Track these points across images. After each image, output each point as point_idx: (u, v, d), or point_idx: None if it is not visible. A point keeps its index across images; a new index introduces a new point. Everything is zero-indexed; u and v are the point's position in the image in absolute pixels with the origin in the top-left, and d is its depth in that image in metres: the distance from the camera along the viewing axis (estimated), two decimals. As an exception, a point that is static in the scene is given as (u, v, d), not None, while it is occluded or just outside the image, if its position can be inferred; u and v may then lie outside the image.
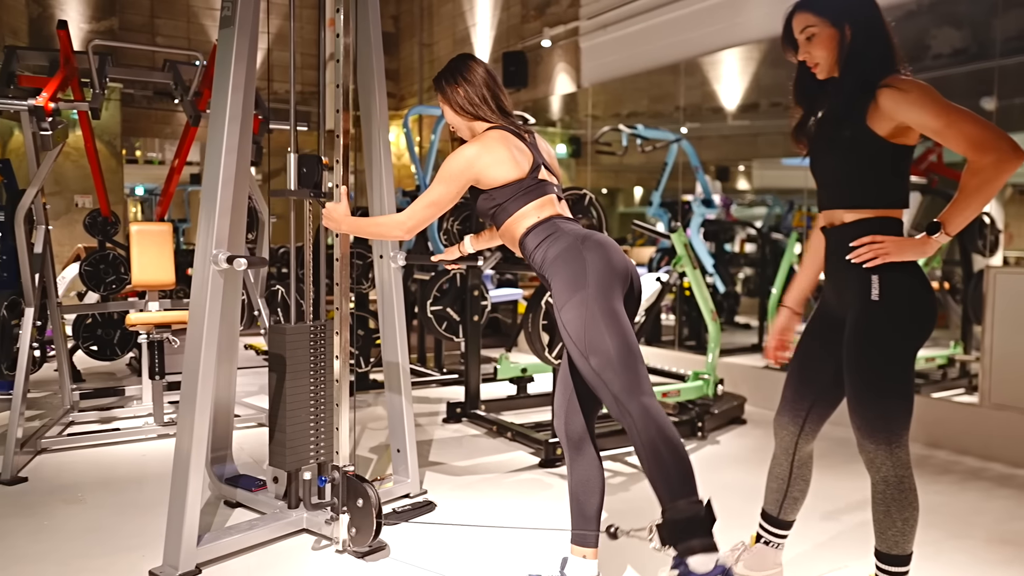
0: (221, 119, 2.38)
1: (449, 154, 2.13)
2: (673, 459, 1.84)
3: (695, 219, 6.88)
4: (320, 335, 2.64)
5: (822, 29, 1.93)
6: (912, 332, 1.90)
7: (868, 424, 1.92)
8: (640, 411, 1.86)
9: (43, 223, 3.82)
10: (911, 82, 1.82)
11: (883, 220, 1.91)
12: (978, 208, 1.79)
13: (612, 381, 1.88)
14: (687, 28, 6.23)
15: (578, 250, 1.99)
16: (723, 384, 4.24)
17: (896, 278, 1.88)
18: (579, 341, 1.92)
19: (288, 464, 2.59)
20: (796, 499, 2.21)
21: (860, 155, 1.91)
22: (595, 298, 1.92)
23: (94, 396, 4.50)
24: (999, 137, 1.72)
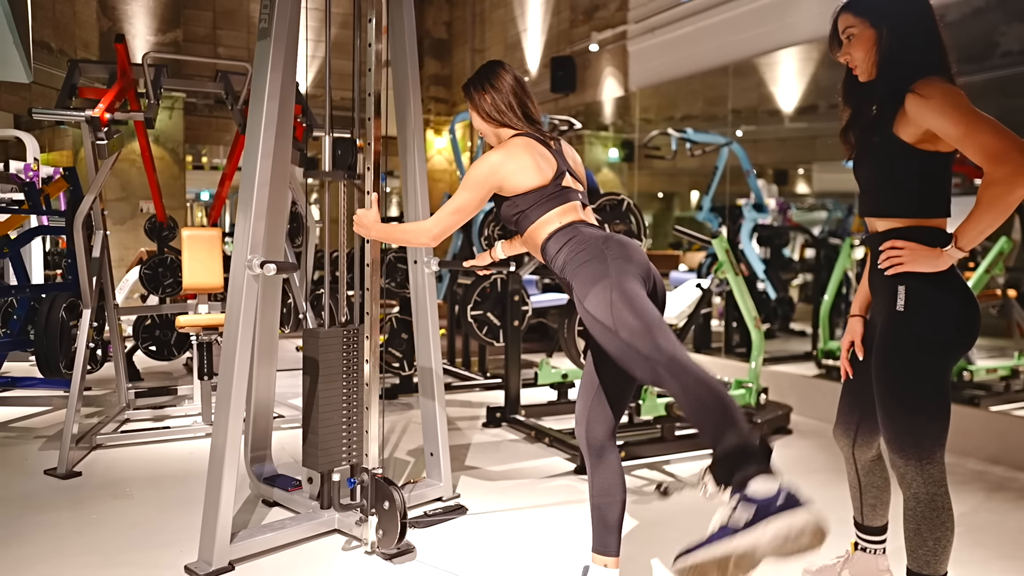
0: (257, 126, 2.44)
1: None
2: (712, 398, 1.71)
3: (746, 224, 6.75)
4: (353, 339, 2.68)
5: (862, 30, 1.90)
6: (940, 345, 1.84)
7: (897, 439, 1.87)
8: (669, 361, 1.76)
9: (101, 228, 3.98)
10: (936, 87, 1.76)
11: (917, 229, 1.85)
12: (992, 222, 1.72)
13: (641, 344, 1.80)
14: (735, 30, 6.13)
15: (600, 249, 1.98)
16: (767, 393, 4.15)
17: (922, 288, 1.83)
18: (606, 319, 1.86)
19: (320, 465, 2.64)
20: (873, 506, 2.18)
21: (890, 163, 1.87)
22: (620, 282, 1.89)
23: (148, 395, 4.67)
24: (1016, 149, 1.64)
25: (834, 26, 1.97)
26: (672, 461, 3.69)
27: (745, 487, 1.62)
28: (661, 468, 3.59)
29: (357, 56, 2.58)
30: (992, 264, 4.74)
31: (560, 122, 6.28)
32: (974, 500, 3.20)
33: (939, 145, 1.82)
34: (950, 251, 1.79)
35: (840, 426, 2.17)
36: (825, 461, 3.76)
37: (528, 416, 4.32)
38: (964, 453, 3.83)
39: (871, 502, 2.18)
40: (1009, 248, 4.90)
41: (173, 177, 9.36)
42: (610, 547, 2.12)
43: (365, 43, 2.51)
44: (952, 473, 3.56)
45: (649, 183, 11.07)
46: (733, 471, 1.65)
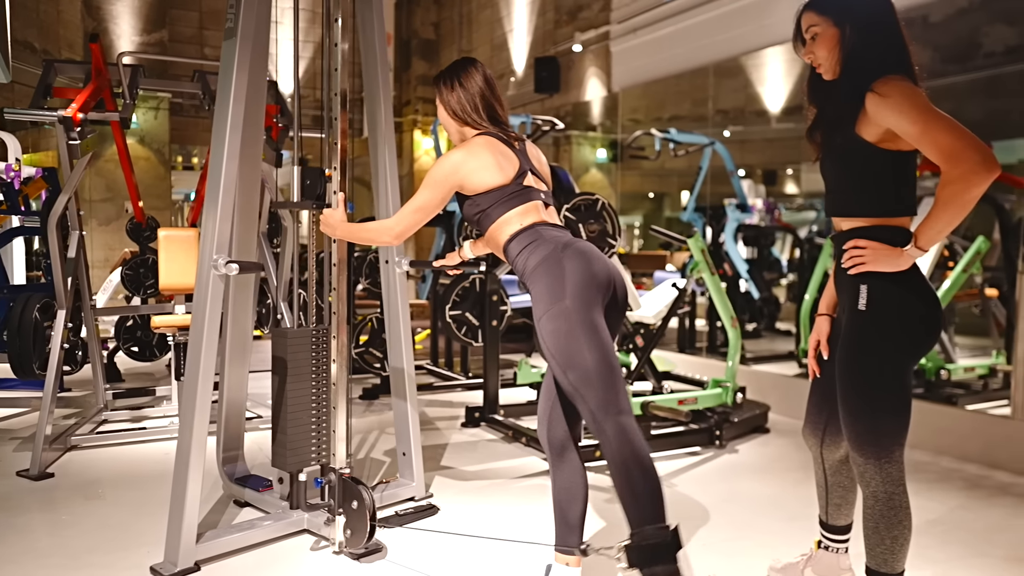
0: (223, 127, 2.44)
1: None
2: (644, 482, 1.84)
3: (730, 224, 6.77)
4: (322, 339, 2.68)
5: (825, 29, 1.90)
6: (901, 344, 1.84)
7: (858, 437, 1.89)
8: (616, 430, 1.86)
9: (77, 228, 3.97)
10: (895, 86, 1.76)
11: (880, 228, 1.86)
12: (950, 222, 1.71)
13: (589, 397, 1.88)
14: (715, 31, 6.15)
15: (558, 258, 1.98)
16: (744, 392, 4.16)
17: (884, 287, 1.83)
18: (557, 354, 1.92)
19: (289, 465, 2.64)
20: (838, 505, 2.19)
21: (852, 162, 1.87)
22: (573, 311, 1.91)
23: (126, 396, 4.65)
24: (970, 147, 1.64)
25: (797, 24, 1.97)
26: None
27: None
28: (637, 467, 3.60)
29: (327, 56, 2.58)
30: (970, 263, 4.76)
31: (543, 122, 6.29)
32: (948, 498, 3.22)
33: (900, 144, 1.81)
34: (910, 250, 1.80)
35: (808, 425, 2.18)
36: (801, 460, 3.77)
37: (507, 416, 4.32)
38: (939, 451, 3.85)
39: (836, 501, 2.19)
40: (987, 248, 4.93)
41: (159, 178, 9.33)
42: (572, 546, 2.12)
43: (332, 43, 2.50)
44: (927, 471, 3.59)
45: (639, 183, 11.09)
46: (644, 563, 1.81)
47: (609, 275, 2.01)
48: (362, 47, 2.88)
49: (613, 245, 3.50)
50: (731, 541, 2.74)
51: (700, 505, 3.11)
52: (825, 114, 1.96)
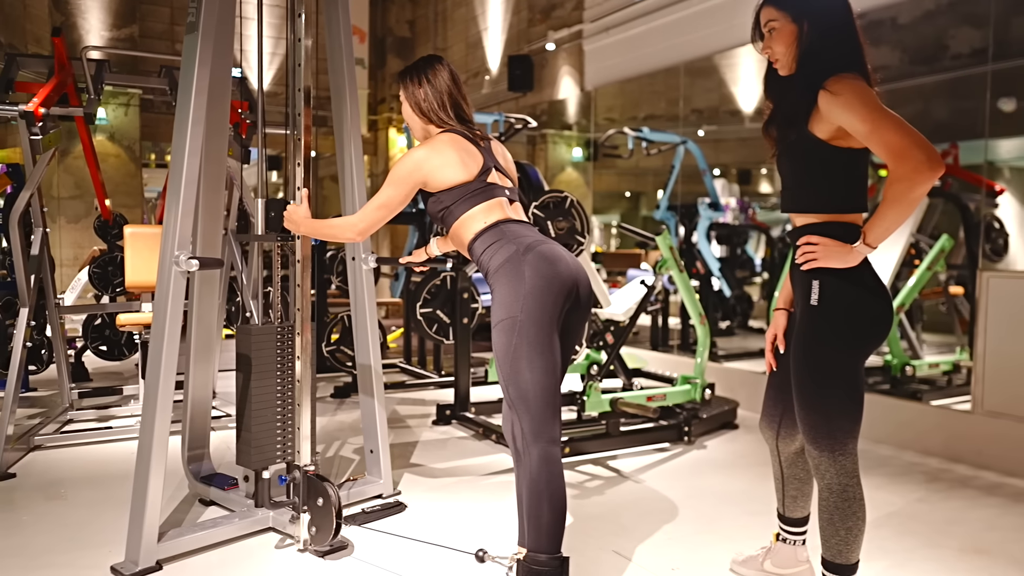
0: (184, 123, 2.42)
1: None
2: (551, 515, 1.93)
3: (702, 223, 6.82)
4: (288, 336, 2.67)
5: (783, 24, 1.92)
6: (852, 339, 1.87)
7: (812, 430, 1.92)
8: (540, 457, 1.94)
9: (40, 225, 3.91)
10: (846, 84, 1.78)
11: (832, 224, 1.88)
12: (897, 219, 1.74)
13: (523, 417, 1.95)
14: (686, 30, 6.20)
15: (518, 263, 1.98)
16: (713, 389, 4.20)
17: (836, 284, 1.86)
18: (502, 366, 1.97)
19: (254, 463, 2.62)
20: (795, 497, 2.23)
21: (806, 159, 1.90)
22: (526, 326, 1.93)
23: (93, 395, 4.59)
24: (916, 146, 1.67)
25: (756, 19, 1.99)
26: (617, 456, 3.72)
27: None
28: (606, 463, 3.62)
29: (291, 52, 2.56)
30: (934, 261, 4.84)
31: (516, 120, 6.29)
32: (908, 491, 3.27)
33: (852, 142, 1.84)
34: (859, 247, 1.82)
35: (765, 419, 2.21)
36: (768, 456, 3.80)
37: (478, 413, 4.33)
38: (903, 446, 3.92)
39: (793, 494, 2.23)
40: (951, 246, 5.02)
41: (129, 175, 9.22)
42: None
43: (296, 38, 2.49)
44: (889, 465, 3.64)
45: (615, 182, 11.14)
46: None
47: (572, 277, 2.01)
48: (328, 43, 2.87)
49: (582, 242, 3.52)
50: (695, 535, 2.76)
51: (666, 500, 3.14)
52: (781, 110, 1.98)
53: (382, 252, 11.70)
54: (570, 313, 2.04)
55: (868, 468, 3.55)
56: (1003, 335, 3.60)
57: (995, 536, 2.78)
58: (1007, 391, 3.57)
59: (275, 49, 10.12)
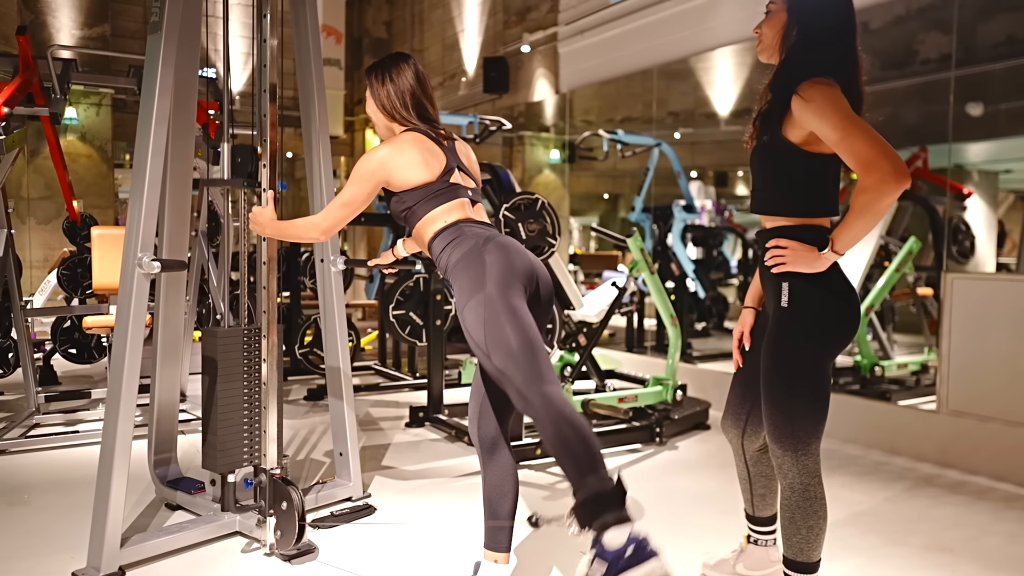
0: (147, 123, 2.39)
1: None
2: (578, 441, 1.78)
3: (676, 224, 6.86)
4: (254, 338, 2.65)
5: (778, 10, 1.92)
6: (820, 341, 1.89)
7: (776, 430, 1.94)
8: (542, 399, 1.83)
9: (4, 226, 3.85)
10: (818, 90, 1.77)
11: (801, 228, 1.89)
12: (864, 228, 1.75)
13: (514, 375, 1.86)
14: (661, 33, 6.24)
15: (479, 252, 1.98)
16: (685, 390, 4.22)
17: (804, 287, 1.88)
18: (480, 340, 1.91)
19: (220, 467, 2.60)
20: (763, 496, 2.23)
21: (777, 162, 1.90)
22: (495, 296, 1.90)
23: (60, 399, 4.52)
24: (884, 157, 1.67)
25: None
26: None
27: (603, 533, 1.67)
28: (577, 464, 3.63)
29: (256, 52, 2.55)
30: (902, 263, 4.91)
31: (491, 122, 6.29)
32: (874, 490, 3.31)
33: (823, 147, 1.84)
34: (826, 254, 1.83)
35: (729, 417, 2.21)
36: (737, 455, 3.84)
37: (451, 415, 4.32)
38: (870, 445, 3.96)
39: (760, 492, 2.24)
40: (919, 248, 5.09)
41: (101, 176, 9.09)
42: (501, 543, 2.12)
43: (261, 39, 2.48)
44: (856, 464, 3.69)
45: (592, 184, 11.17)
46: (594, 517, 1.70)
47: (531, 267, 2.01)
48: (296, 43, 2.85)
49: (553, 244, 3.53)
50: (666, 535, 2.77)
51: (636, 501, 3.15)
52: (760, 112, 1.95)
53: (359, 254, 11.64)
54: (531, 305, 2.02)
55: (835, 467, 3.60)
56: (967, 336, 3.66)
57: (958, 534, 2.82)
58: (970, 391, 3.62)
59: (249, 49, 10.04)
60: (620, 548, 1.65)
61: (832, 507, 2.99)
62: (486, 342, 1.89)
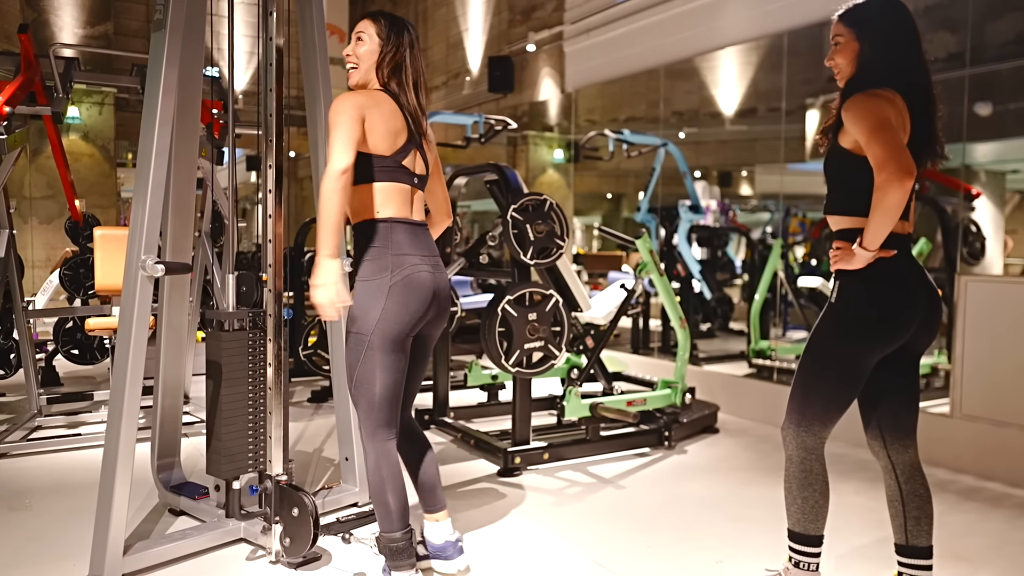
0: (151, 123, 2.35)
1: None
2: (394, 498, 2.15)
3: (682, 225, 6.81)
4: (259, 341, 2.60)
5: (848, 41, 2.05)
6: (851, 340, 1.98)
7: (790, 403, 2.08)
8: (382, 451, 2.14)
9: (6, 227, 3.81)
10: (858, 100, 1.92)
11: (853, 229, 2.00)
12: (880, 223, 1.87)
13: (367, 417, 2.13)
14: (667, 32, 6.18)
15: (384, 289, 2.07)
16: (693, 393, 4.17)
17: (850, 284, 2.00)
18: (350, 369, 2.13)
19: (224, 472, 2.56)
20: (917, 519, 2.09)
21: (835, 167, 2.06)
22: (375, 346, 2.08)
23: (62, 401, 4.48)
24: (892, 159, 1.81)
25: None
26: (598, 462, 3.68)
27: (392, 572, 2.21)
28: (586, 469, 3.58)
29: (262, 52, 2.50)
30: (912, 264, 4.85)
31: (496, 122, 6.25)
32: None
33: None
34: (858, 250, 1.94)
35: (868, 434, 2.16)
36: (747, 460, 3.80)
37: (457, 418, 4.28)
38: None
39: (914, 514, 2.09)
40: (929, 249, 5.04)
41: (103, 175, 9.05)
42: (434, 504, 2.37)
43: (267, 37, 2.43)
44: (868, 469, 3.63)
45: (596, 184, 11.13)
46: (389, 556, 2.20)
47: (431, 301, 2.14)
48: (301, 42, 2.81)
49: (561, 246, 3.48)
50: (675, 544, 2.73)
51: (646, 507, 3.10)
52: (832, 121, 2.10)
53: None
54: (427, 325, 2.21)
55: (848, 472, 3.55)
56: (980, 339, 3.61)
57: (974, 542, 2.77)
58: (984, 395, 3.57)
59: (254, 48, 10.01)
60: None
61: (846, 515, 2.96)
62: (356, 376, 2.12)
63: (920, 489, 2.10)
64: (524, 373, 3.43)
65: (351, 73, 2.18)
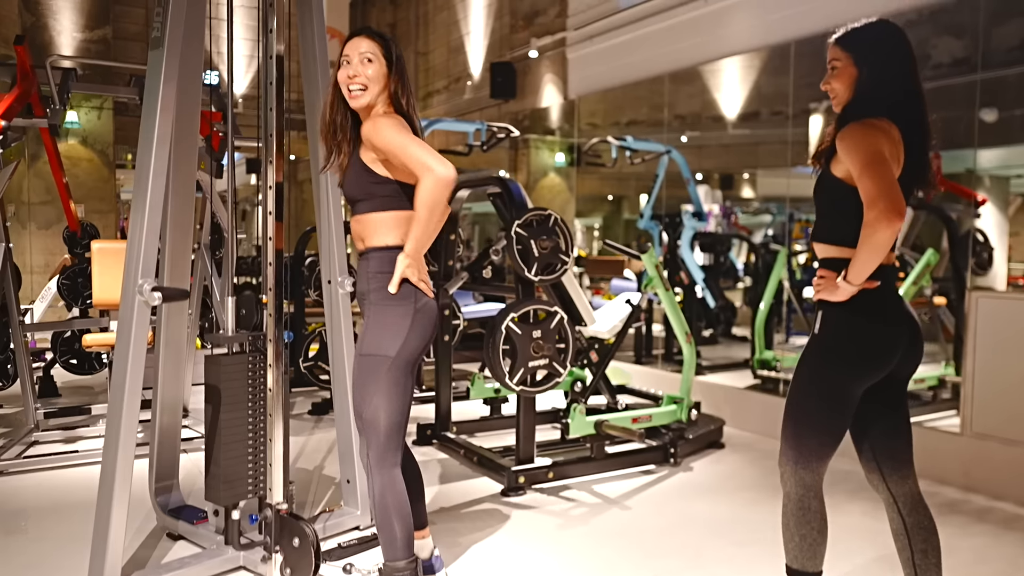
0: (149, 143, 2.29)
1: None
2: (400, 526, 2.10)
3: (686, 233, 6.76)
4: (259, 365, 2.54)
5: (845, 66, 1.99)
6: (837, 371, 1.94)
7: (784, 440, 2.03)
8: (388, 480, 2.11)
9: (3, 240, 3.76)
10: (853, 130, 1.87)
11: (842, 259, 1.94)
12: (867, 259, 1.81)
13: (373, 444, 2.11)
14: (671, 40, 6.12)
15: (409, 315, 2.06)
16: (699, 409, 4.12)
17: (833, 314, 1.95)
18: (357, 392, 2.12)
19: (223, 499, 2.50)
20: (924, 552, 2.01)
21: (827, 195, 2.00)
22: (399, 368, 2.07)
23: (59, 415, 4.42)
24: (883, 197, 1.76)
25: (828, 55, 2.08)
26: (603, 480, 3.63)
27: None
28: (591, 488, 3.53)
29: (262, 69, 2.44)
30: (920, 276, 4.81)
31: (499, 129, 6.20)
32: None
33: None
34: (842, 283, 1.89)
35: (864, 466, 2.10)
36: (753, 478, 3.74)
37: (459, 433, 4.22)
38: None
39: (920, 547, 2.01)
40: (936, 260, 4.99)
41: (102, 180, 9.00)
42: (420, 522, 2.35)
43: (268, 55, 2.37)
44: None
45: (597, 187, 11.06)
46: None
47: (437, 326, 2.18)
48: (301, 47, 2.74)
49: (565, 262, 3.42)
50: (682, 571, 2.68)
51: (653, 530, 3.05)
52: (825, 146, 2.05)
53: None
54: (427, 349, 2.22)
55: (855, 491, 3.49)
56: (991, 356, 3.56)
57: (988, 569, 2.72)
58: (995, 413, 3.52)
59: (252, 51, 9.94)
60: None
61: (854, 539, 2.91)
62: (371, 400, 2.08)
63: (924, 520, 2.05)
64: (528, 391, 3.37)
65: (357, 95, 2.06)
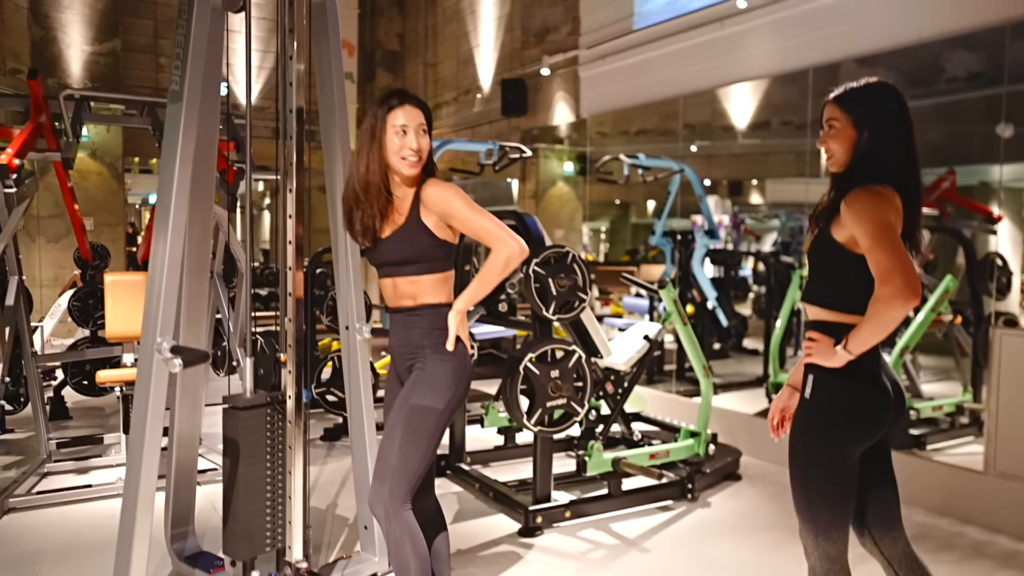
0: (167, 196, 2.27)
1: None
2: (417, 565, 2.06)
3: (698, 250, 6.71)
4: (277, 416, 2.51)
5: (844, 127, 1.93)
6: (837, 435, 1.89)
7: (799, 512, 1.97)
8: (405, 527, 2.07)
9: (15, 274, 3.73)
10: (861, 196, 1.82)
11: (837, 325, 1.90)
12: (874, 334, 1.78)
13: (399, 484, 2.08)
14: (686, 62, 6.06)
15: (464, 371, 2.13)
16: (716, 442, 4.08)
17: (825, 379, 1.90)
18: (391, 439, 2.10)
19: (241, 554, 2.47)
20: None
21: (821, 257, 1.95)
22: (445, 416, 2.11)
23: (72, 444, 4.40)
24: (899, 274, 1.71)
25: (822, 111, 2.00)
26: (621, 518, 3.59)
27: None
28: (608, 527, 3.49)
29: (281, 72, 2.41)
30: (938, 303, 4.75)
31: (511, 149, 6.16)
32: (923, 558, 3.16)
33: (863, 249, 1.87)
34: (840, 351, 1.84)
35: (854, 528, 2.04)
36: (772, 515, 3.69)
37: (474, 463, 4.19)
38: (909, 502, 3.80)
39: None
40: (954, 286, 4.93)
41: (112, 193, 8.99)
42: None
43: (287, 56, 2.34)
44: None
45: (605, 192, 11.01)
46: None
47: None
48: (316, 57, 2.71)
49: (583, 299, 3.38)
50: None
51: (674, 575, 3.01)
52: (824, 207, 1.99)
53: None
54: None
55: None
56: (1016, 394, 3.50)
57: (1018, 623, 2.67)
58: (1021, 452, 3.46)
59: (262, 63, 9.92)
60: None
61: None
62: (406, 445, 2.08)
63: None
64: (547, 431, 3.34)
65: (412, 165, 2.09)
